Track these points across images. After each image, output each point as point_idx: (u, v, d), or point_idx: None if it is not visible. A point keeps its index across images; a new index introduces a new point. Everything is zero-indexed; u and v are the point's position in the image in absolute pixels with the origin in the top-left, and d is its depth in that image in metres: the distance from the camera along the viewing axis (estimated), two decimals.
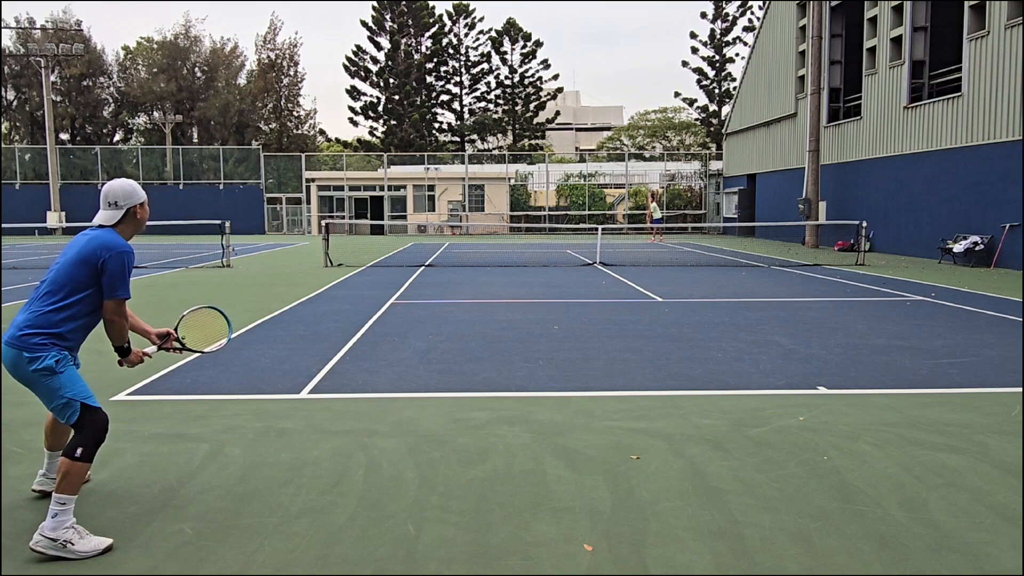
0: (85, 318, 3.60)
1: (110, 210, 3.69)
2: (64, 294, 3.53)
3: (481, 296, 12.66)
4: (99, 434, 3.53)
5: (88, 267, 3.54)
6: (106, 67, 57.49)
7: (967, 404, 5.82)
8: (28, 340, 3.46)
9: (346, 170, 42.99)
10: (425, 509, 3.83)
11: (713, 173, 41.39)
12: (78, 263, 3.54)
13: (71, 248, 3.62)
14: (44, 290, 3.55)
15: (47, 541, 3.31)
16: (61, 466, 3.41)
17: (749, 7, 54.21)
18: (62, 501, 3.37)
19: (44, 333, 3.48)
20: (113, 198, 3.69)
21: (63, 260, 3.59)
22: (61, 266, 3.57)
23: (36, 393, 3.56)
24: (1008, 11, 18.40)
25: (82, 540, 3.36)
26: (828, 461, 4.53)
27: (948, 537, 3.50)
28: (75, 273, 3.54)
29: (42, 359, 3.46)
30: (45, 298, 3.53)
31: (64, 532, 3.33)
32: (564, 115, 64.82)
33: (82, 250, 3.56)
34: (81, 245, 3.58)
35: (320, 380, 6.62)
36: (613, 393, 6.19)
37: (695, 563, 3.25)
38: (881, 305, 11.54)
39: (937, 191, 21.23)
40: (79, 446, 3.44)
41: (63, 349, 3.53)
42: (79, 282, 3.53)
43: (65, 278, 3.54)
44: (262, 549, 3.39)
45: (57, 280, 3.55)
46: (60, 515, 3.35)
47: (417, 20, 55.51)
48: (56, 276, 3.56)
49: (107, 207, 3.70)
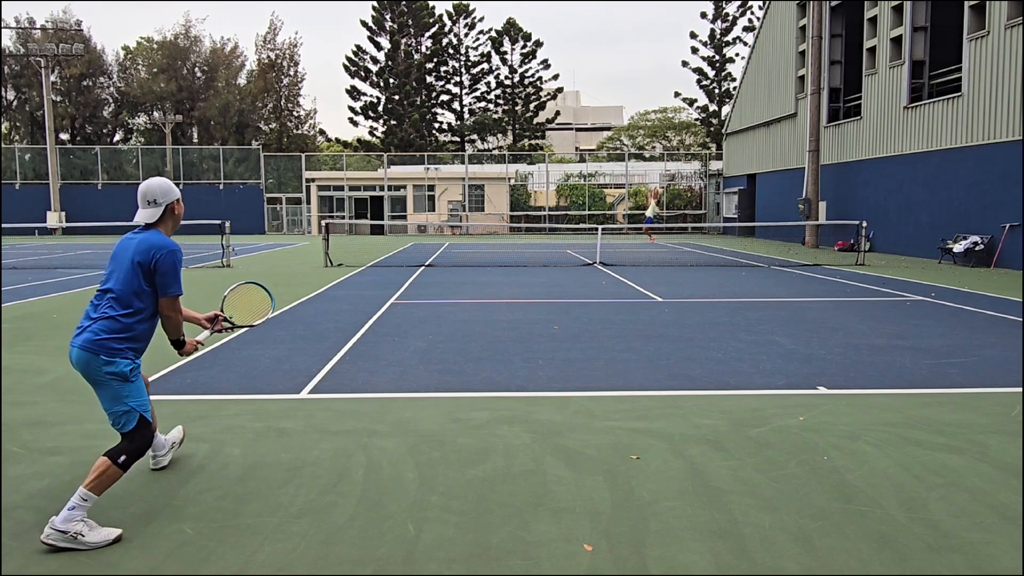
0: (152, 319, 3.81)
1: (150, 208, 3.83)
2: (129, 299, 3.69)
3: (481, 296, 12.66)
4: (144, 448, 3.69)
5: (144, 270, 3.70)
6: (106, 67, 57.49)
7: (967, 404, 5.82)
8: (106, 344, 3.64)
9: (346, 170, 42.99)
10: (425, 509, 3.83)
11: (713, 173, 41.39)
12: (135, 268, 3.70)
13: (123, 253, 3.76)
14: (111, 297, 3.70)
15: (58, 534, 3.37)
16: (100, 465, 3.53)
17: (749, 7, 54.22)
18: (85, 497, 3.47)
19: (120, 338, 3.66)
20: (152, 196, 3.82)
21: (120, 267, 3.74)
22: (121, 273, 3.72)
23: (100, 394, 3.70)
24: (1008, 11, 18.40)
25: (92, 532, 3.43)
26: (828, 461, 4.53)
27: (948, 537, 3.50)
28: (134, 279, 3.70)
29: (118, 364, 3.64)
30: (114, 304, 3.69)
31: (74, 525, 3.40)
32: (564, 115, 64.82)
33: (135, 255, 3.71)
34: (133, 250, 3.73)
35: (320, 380, 6.62)
36: (613, 393, 6.19)
37: (695, 563, 3.25)
38: (881, 305, 11.54)
39: (937, 191, 21.23)
40: (124, 453, 3.59)
41: (137, 355, 3.73)
42: (140, 286, 3.70)
43: (126, 284, 3.70)
44: (262, 549, 3.39)
45: (121, 287, 3.70)
46: (77, 510, 3.43)
47: (417, 20, 55.51)
48: (119, 283, 3.71)
49: (147, 205, 3.83)
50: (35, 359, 7.56)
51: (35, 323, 9.86)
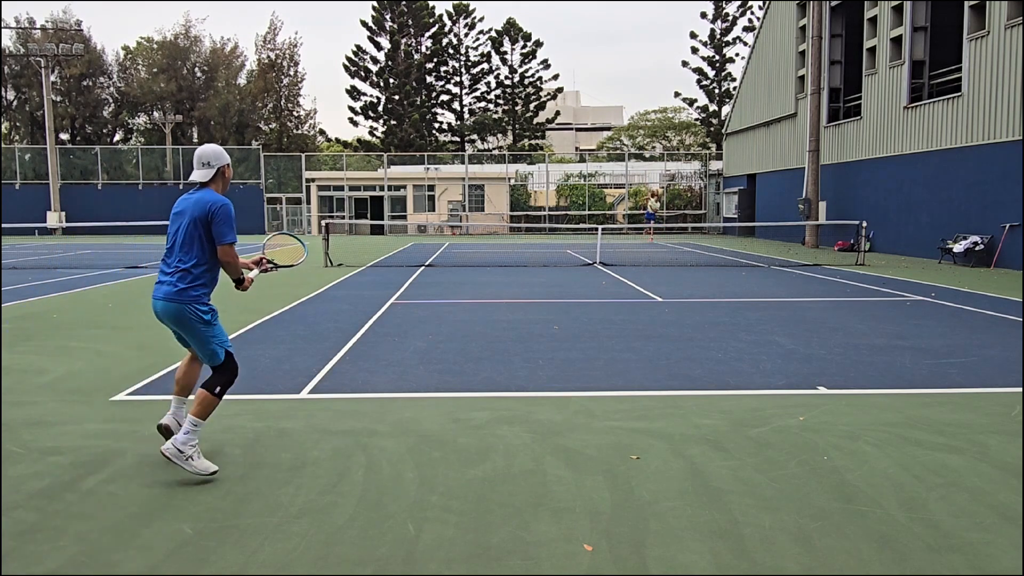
0: (216, 266, 4.38)
1: (204, 169, 4.35)
2: (196, 250, 4.25)
3: (481, 296, 12.66)
4: (233, 376, 4.39)
5: (203, 223, 4.23)
6: (106, 67, 57.46)
7: (967, 404, 5.82)
8: (188, 293, 4.23)
9: (346, 170, 42.98)
10: (425, 509, 3.83)
11: (713, 173, 41.39)
12: (194, 223, 4.23)
13: (183, 212, 4.27)
14: (180, 251, 4.25)
15: (175, 450, 4.09)
16: (200, 396, 4.24)
17: (749, 7, 54.21)
18: (195, 423, 4.18)
19: (197, 284, 4.26)
20: (206, 159, 4.35)
21: (182, 223, 4.25)
22: (183, 228, 4.25)
23: (188, 337, 4.36)
24: (1008, 11, 18.40)
25: (199, 460, 4.15)
26: (828, 461, 4.53)
27: (948, 537, 3.50)
28: (196, 232, 4.24)
29: (201, 311, 4.27)
30: (184, 257, 4.24)
31: (190, 449, 4.12)
32: (564, 115, 64.80)
33: (194, 210, 4.24)
34: (191, 207, 4.26)
35: (320, 380, 6.62)
36: (613, 393, 6.19)
37: (695, 563, 3.25)
38: (881, 305, 11.54)
39: (937, 191, 21.23)
40: (218, 384, 4.29)
41: (210, 298, 4.38)
42: (202, 238, 4.25)
43: (190, 237, 4.24)
44: (262, 549, 3.39)
45: (186, 240, 4.24)
46: (191, 433, 4.16)
47: (417, 20, 55.50)
48: (184, 237, 4.24)
49: (201, 167, 4.35)
50: (35, 359, 7.56)
51: (35, 323, 9.86)
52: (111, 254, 24.00)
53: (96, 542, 3.46)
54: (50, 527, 3.62)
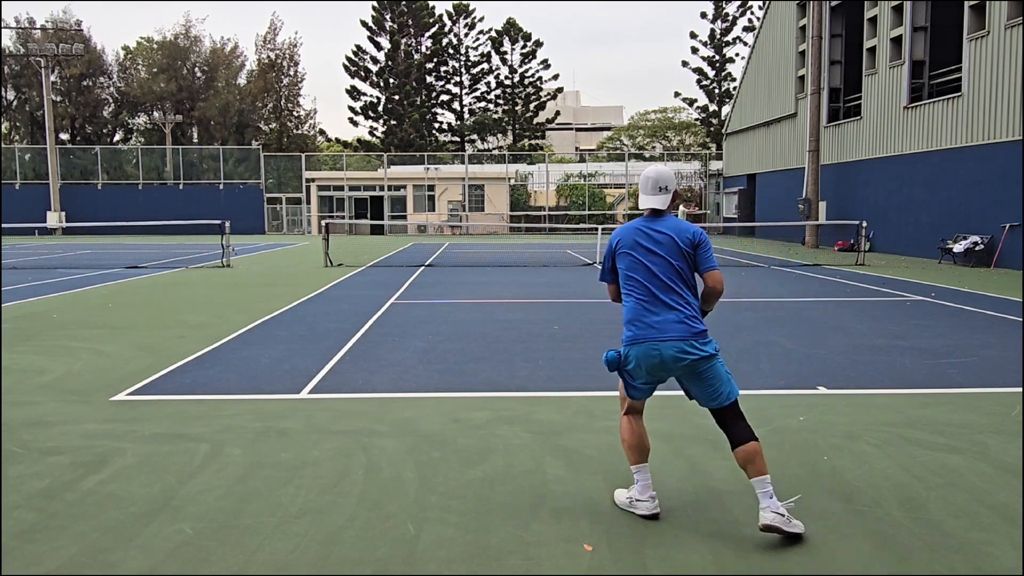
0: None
1: (662, 195, 3.83)
2: (683, 284, 3.73)
3: (481, 296, 12.66)
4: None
5: (690, 252, 3.73)
6: (106, 67, 57.45)
7: (967, 404, 5.82)
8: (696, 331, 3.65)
9: (346, 170, 42.98)
10: (425, 509, 3.83)
11: (713, 173, 41.38)
12: (678, 253, 3.72)
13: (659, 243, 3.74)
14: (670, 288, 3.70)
15: (780, 517, 3.43)
16: (752, 450, 3.57)
17: (749, 7, 54.19)
18: (768, 481, 3.54)
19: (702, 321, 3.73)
20: (664, 183, 3.82)
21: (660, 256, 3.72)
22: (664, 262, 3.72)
23: (699, 382, 3.69)
24: (1008, 11, 18.39)
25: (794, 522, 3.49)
26: (828, 461, 4.53)
27: (948, 537, 3.50)
28: (685, 263, 3.74)
29: (711, 344, 3.69)
30: (686, 291, 3.73)
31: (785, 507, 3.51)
32: (564, 115, 64.76)
33: (674, 240, 3.72)
34: (668, 236, 3.74)
35: (320, 380, 6.62)
36: (613, 393, 6.18)
37: (695, 563, 3.25)
38: (881, 305, 11.54)
39: (937, 191, 21.23)
40: (750, 427, 3.68)
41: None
42: (689, 269, 3.76)
43: (683, 271, 3.74)
44: (262, 549, 3.39)
45: (681, 275, 3.73)
46: (773, 494, 3.52)
47: (417, 20, 55.49)
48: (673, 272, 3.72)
49: (658, 192, 3.82)
50: (35, 359, 7.55)
51: (35, 323, 9.86)
52: (111, 254, 24.00)
53: (96, 542, 3.46)
54: (50, 527, 3.62)
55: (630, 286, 3.78)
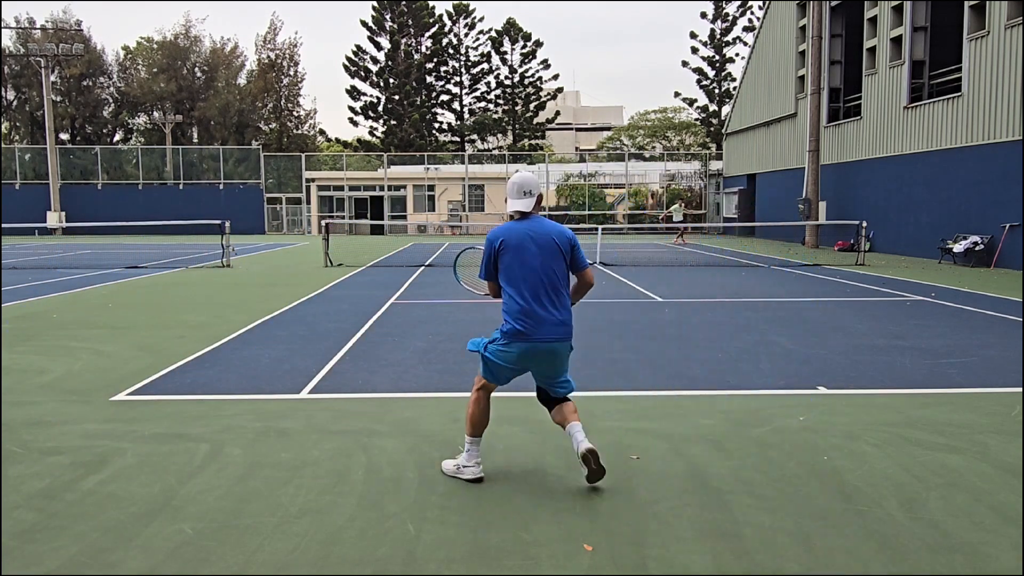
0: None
1: (527, 198, 4.17)
2: (564, 284, 4.15)
3: (481, 296, 12.64)
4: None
5: (564, 253, 4.13)
6: (106, 67, 57.44)
7: (967, 404, 5.82)
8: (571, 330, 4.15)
9: (346, 170, 42.98)
10: (425, 509, 3.83)
11: (713, 173, 41.37)
12: (558, 254, 4.10)
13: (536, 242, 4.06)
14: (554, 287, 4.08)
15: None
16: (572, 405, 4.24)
17: (749, 7, 54.19)
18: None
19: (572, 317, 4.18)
20: (528, 187, 4.17)
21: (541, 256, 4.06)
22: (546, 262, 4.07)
23: (553, 370, 4.16)
24: (1008, 11, 18.39)
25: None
26: (828, 461, 4.53)
27: (948, 537, 3.50)
28: (561, 264, 4.12)
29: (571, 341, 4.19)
30: (562, 294, 4.12)
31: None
32: (564, 115, 64.74)
33: (554, 242, 4.09)
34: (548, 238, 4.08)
35: (320, 380, 6.62)
36: (613, 393, 6.19)
37: (695, 563, 3.25)
38: (881, 305, 11.54)
39: (937, 191, 21.23)
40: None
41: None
42: (564, 270, 4.16)
43: (559, 272, 4.11)
44: (262, 549, 3.39)
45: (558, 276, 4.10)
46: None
47: (417, 20, 55.49)
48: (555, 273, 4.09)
49: (524, 196, 4.16)
50: (35, 359, 7.55)
51: (35, 323, 9.86)
52: (111, 254, 24.00)
53: (96, 542, 3.46)
54: (50, 527, 3.62)
55: (516, 284, 4.06)
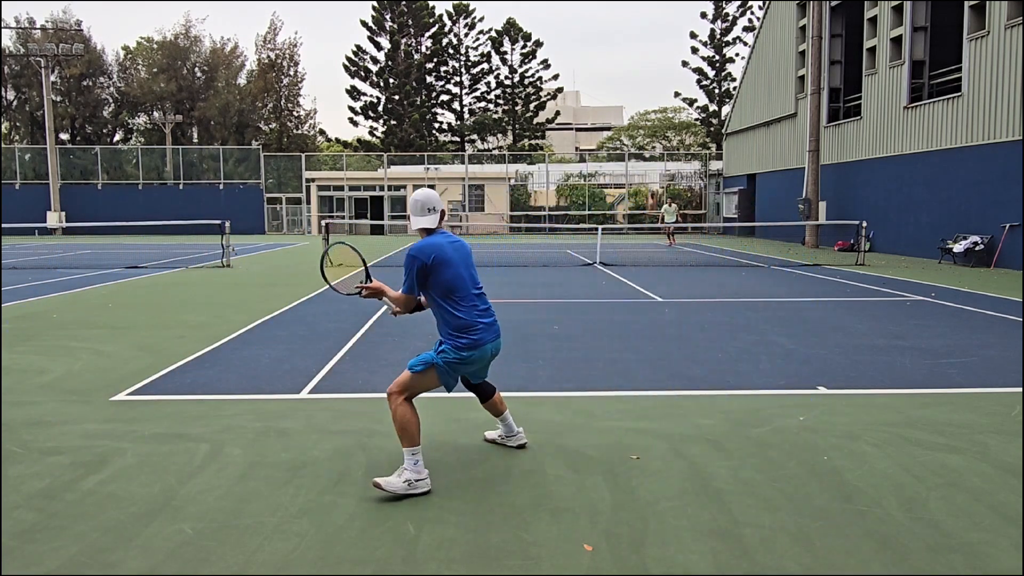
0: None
1: (432, 215, 4.38)
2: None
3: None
4: None
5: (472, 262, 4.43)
6: (106, 67, 57.43)
7: (967, 404, 5.82)
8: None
9: (346, 170, 42.96)
10: (425, 509, 3.83)
11: (713, 173, 41.36)
12: (472, 260, 4.41)
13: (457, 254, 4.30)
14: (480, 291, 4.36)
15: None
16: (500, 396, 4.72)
17: (749, 7, 54.18)
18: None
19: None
20: (431, 204, 4.38)
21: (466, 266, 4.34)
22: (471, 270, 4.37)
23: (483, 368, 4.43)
24: (1008, 11, 18.39)
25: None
26: (828, 461, 4.53)
27: (948, 537, 3.50)
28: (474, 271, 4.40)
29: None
30: (483, 296, 4.36)
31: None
32: (564, 115, 64.76)
33: (468, 250, 4.42)
34: (465, 248, 4.40)
35: (320, 380, 6.62)
36: (613, 393, 6.19)
37: (695, 563, 3.25)
38: (881, 305, 11.54)
39: (937, 191, 21.23)
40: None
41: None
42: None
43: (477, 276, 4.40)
44: (262, 549, 3.39)
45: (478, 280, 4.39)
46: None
47: (417, 20, 55.49)
48: (477, 278, 4.39)
49: (428, 212, 4.37)
50: (35, 359, 7.55)
51: (35, 323, 9.86)
52: (111, 254, 23.99)
53: (96, 542, 3.46)
54: (50, 527, 3.62)
55: (457, 296, 4.23)
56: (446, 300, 4.21)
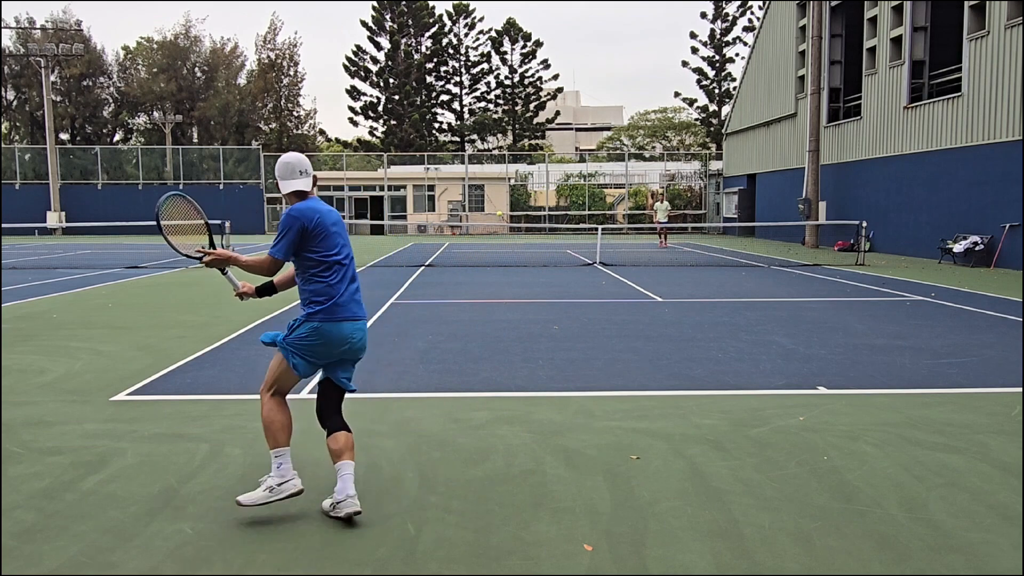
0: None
1: (305, 177, 3.88)
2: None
3: (481, 296, 12.66)
4: None
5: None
6: (106, 67, 57.44)
7: (967, 404, 5.82)
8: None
9: (346, 170, 42.97)
10: (425, 509, 3.83)
11: (713, 173, 41.36)
12: (347, 236, 3.93)
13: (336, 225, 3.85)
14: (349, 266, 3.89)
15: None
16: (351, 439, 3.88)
17: (749, 7, 54.21)
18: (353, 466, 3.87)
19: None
20: (303, 167, 3.88)
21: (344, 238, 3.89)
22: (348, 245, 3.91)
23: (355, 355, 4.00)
24: (1008, 11, 18.39)
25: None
26: (828, 461, 4.53)
27: (948, 537, 3.50)
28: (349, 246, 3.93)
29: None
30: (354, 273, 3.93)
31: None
32: (564, 115, 64.78)
33: (344, 223, 3.95)
34: (342, 221, 3.94)
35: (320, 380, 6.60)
36: (613, 393, 6.19)
37: (695, 563, 3.25)
38: (881, 305, 11.54)
39: (937, 191, 21.23)
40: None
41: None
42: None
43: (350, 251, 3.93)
44: (262, 549, 3.39)
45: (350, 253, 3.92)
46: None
47: (417, 20, 55.50)
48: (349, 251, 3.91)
49: (300, 175, 3.87)
50: (35, 359, 7.55)
51: (35, 323, 9.86)
52: (111, 254, 23.99)
53: (96, 542, 3.46)
54: (50, 527, 3.62)
55: (331, 267, 3.79)
56: (319, 269, 3.77)
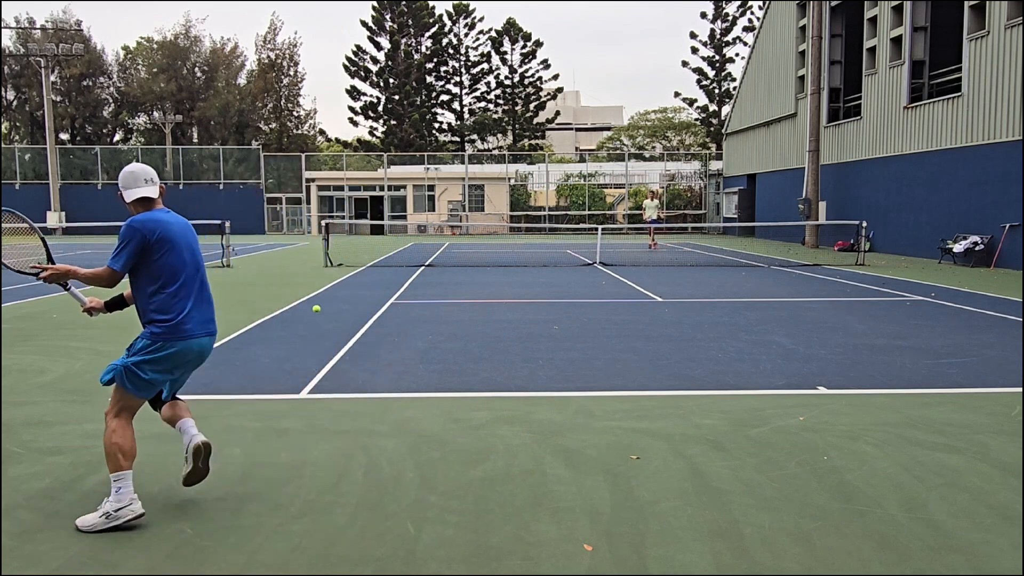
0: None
1: (152, 185, 3.83)
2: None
3: (481, 296, 12.66)
4: None
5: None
6: (106, 67, 57.46)
7: (967, 404, 5.82)
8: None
9: (346, 170, 42.98)
10: (425, 509, 3.83)
11: (713, 173, 41.36)
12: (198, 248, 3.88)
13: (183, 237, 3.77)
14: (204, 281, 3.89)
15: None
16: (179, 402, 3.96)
17: (749, 7, 54.21)
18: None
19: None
20: (149, 176, 3.83)
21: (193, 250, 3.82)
22: (197, 257, 3.84)
23: (194, 368, 4.00)
24: (1008, 11, 18.39)
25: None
26: (828, 461, 4.53)
27: (948, 537, 3.50)
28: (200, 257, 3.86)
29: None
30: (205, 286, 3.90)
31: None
32: (564, 115, 64.77)
33: (194, 234, 3.88)
34: (192, 231, 3.88)
35: (320, 380, 6.61)
36: (613, 393, 6.19)
37: (695, 563, 3.25)
38: (881, 305, 11.54)
39: (937, 191, 21.23)
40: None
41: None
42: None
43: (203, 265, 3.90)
44: (262, 549, 3.39)
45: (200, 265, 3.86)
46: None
47: (417, 20, 55.50)
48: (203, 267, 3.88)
49: (149, 184, 3.81)
50: (35, 359, 7.56)
51: (35, 323, 9.86)
52: None
53: (96, 542, 3.46)
54: (50, 527, 3.62)
55: (176, 281, 3.69)
56: (164, 284, 3.65)
